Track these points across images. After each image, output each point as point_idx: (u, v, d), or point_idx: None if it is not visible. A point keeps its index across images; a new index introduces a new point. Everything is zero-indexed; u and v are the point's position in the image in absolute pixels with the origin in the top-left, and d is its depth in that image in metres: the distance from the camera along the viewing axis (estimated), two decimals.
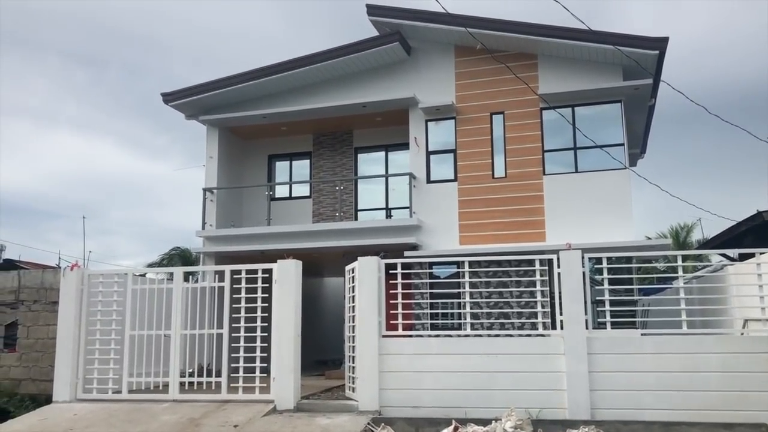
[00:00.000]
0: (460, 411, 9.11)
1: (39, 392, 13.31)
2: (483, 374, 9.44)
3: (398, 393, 9.62)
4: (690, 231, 27.55)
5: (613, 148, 14.56)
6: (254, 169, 18.80)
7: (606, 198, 14.47)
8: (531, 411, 8.85)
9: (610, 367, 9.11)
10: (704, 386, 8.82)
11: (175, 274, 11.10)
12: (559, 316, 9.44)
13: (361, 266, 10.20)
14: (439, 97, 15.87)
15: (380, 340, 9.88)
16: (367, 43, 16.25)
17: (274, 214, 17.36)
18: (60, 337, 10.89)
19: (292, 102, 17.11)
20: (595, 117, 15.05)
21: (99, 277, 11.25)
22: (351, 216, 17.44)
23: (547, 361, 9.35)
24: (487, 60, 15.19)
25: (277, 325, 10.15)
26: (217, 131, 17.63)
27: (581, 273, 9.43)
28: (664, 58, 14.16)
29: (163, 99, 17.39)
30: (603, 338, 9.32)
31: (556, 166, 15.17)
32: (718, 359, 8.89)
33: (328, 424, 8.99)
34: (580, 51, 14.95)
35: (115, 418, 9.62)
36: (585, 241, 12.98)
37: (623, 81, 14.74)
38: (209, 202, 17.18)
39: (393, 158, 17.74)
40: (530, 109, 15.39)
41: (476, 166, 15.57)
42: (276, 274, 10.33)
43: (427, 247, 15.27)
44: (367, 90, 16.64)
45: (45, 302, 14.17)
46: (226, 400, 10.15)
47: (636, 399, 8.95)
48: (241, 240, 16.47)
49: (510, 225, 15.01)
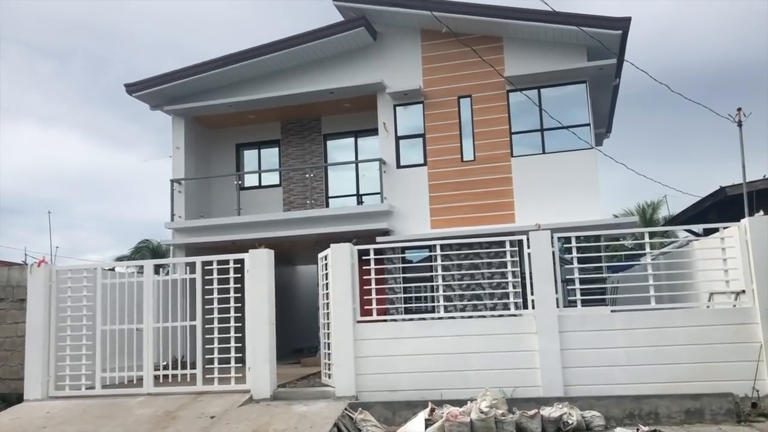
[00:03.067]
0: (436, 393, 9.23)
1: (9, 391, 13.05)
2: (457, 356, 9.55)
3: (374, 378, 9.69)
4: (656, 208, 27.99)
5: (579, 128, 14.74)
6: (222, 159, 18.61)
7: (573, 178, 14.65)
8: (506, 390, 9.00)
9: (581, 345, 9.29)
10: (672, 359, 9.05)
11: (146, 267, 10.98)
12: (531, 296, 9.58)
13: (334, 253, 10.21)
14: (407, 81, 15.85)
15: (355, 326, 9.93)
16: (333, 29, 16.12)
17: (244, 203, 17.24)
18: (29, 335, 10.71)
19: (258, 90, 16.94)
20: (561, 98, 15.20)
21: (67, 272, 11.08)
22: (322, 203, 17.40)
23: (520, 340, 9.49)
24: (453, 43, 15.21)
25: (250, 315, 10.12)
26: (183, 121, 17.39)
27: (551, 253, 9.57)
28: (627, 37, 14.32)
29: (127, 90, 17.09)
30: (574, 316, 9.49)
31: (524, 148, 15.30)
32: (685, 333, 9.11)
33: (305, 411, 9.01)
34: (545, 33, 15.05)
35: (89, 414, 9.52)
36: (554, 221, 13.14)
37: (588, 62, 14.89)
38: (177, 194, 16.98)
39: (362, 144, 17.71)
40: (497, 92, 15.47)
41: (445, 150, 15.63)
42: (248, 263, 10.28)
43: (399, 232, 15.32)
44: (334, 76, 16.54)
45: (12, 300, 13.87)
46: (202, 391, 10.10)
47: (607, 374, 9.14)
48: (211, 231, 16.33)
49: (480, 207, 15.13)
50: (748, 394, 8.72)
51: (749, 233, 9.13)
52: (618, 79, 16.03)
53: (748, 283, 9.15)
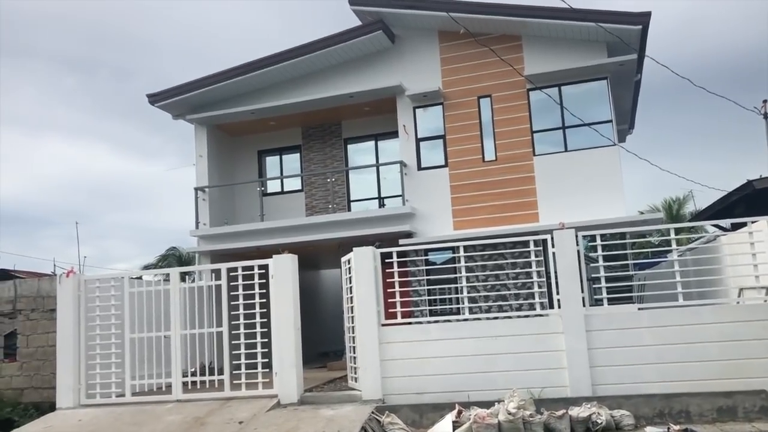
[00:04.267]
0: (463, 395, 9.19)
1: (42, 400, 13.29)
2: (483, 357, 9.51)
3: (401, 380, 9.68)
4: (682, 204, 27.59)
5: (602, 125, 14.61)
6: (245, 166, 18.76)
7: (597, 175, 14.52)
8: (533, 391, 8.93)
9: (609, 343, 9.19)
10: (703, 357, 8.92)
11: (172, 275, 11.09)
12: (556, 296, 9.50)
13: (357, 257, 10.23)
14: (426, 83, 15.84)
15: (380, 329, 9.93)
16: (351, 33, 16.18)
17: (267, 209, 17.33)
18: (60, 344, 10.88)
19: (279, 96, 17.05)
20: (582, 95, 15.08)
21: (95, 282, 11.23)
22: (344, 207, 17.44)
23: (547, 340, 9.42)
24: (471, 44, 15.18)
25: (276, 320, 10.18)
26: (205, 129, 17.56)
27: (576, 251, 9.49)
28: (648, 32, 14.17)
29: (149, 100, 17.30)
30: (600, 315, 9.39)
31: (546, 146, 15.20)
32: (716, 329, 8.98)
33: (332, 415, 9.03)
34: (564, 30, 14.94)
35: (120, 421, 9.64)
36: (578, 219, 13.02)
37: (608, 58, 14.75)
38: (201, 201, 17.14)
39: (383, 147, 17.73)
40: (517, 91, 15.39)
41: (466, 151, 15.59)
42: (272, 269, 10.35)
43: (421, 234, 15.30)
44: (353, 80, 16.59)
45: (43, 310, 14.13)
46: (230, 397, 10.18)
47: (636, 373, 9.03)
48: (235, 237, 16.46)
49: (503, 207, 15.06)
50: None
51: None
52: (639, 74, 15.86)
53: None
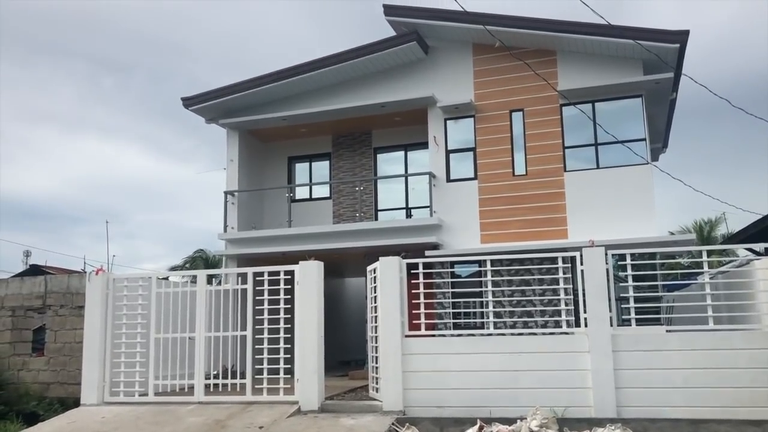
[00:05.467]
0: (485, 410, 9.08)
1: (67, 395, 13.46)
2: (507, 373, 9.40)
3: (422, 393, 9.61)
4: (714, 226, 27.13)
5: (635, 143, 14.43)
6: (274, 171, 18.89)
7: (628, 194, 14.33)
8: (556, 409, 8.79)
9: (635, 365, 9.03)
10: (733, 383, 8.71)
11: (199, 277, 11.18)
12: (583, 314, 9.37)
13: (383, 266, 10.20)
14: (458, 95, 15.81)
15: (403, 340, 9.88)
16: (385, 44, 16.25)
17: (295, 215, 17.41)
18: (87, 341, 11.02)
19: (311, 104, 17.16)
20: (616, 112, 14.92)
21: (123, 281, 11.37)
22: (371, 216, 17.45)
23: (572, 359, 9.29)
24: (505, 57, 15.12)
25: (299, 327, 10.19)
26: (237, 134, 17.74)
27: (605, 270, 9.35)
28: (685, 51, 13.99)
29: (183, 103, 17.53)
30: (628, 335, 9.24)
31: (577, 162, 15.06)
32: (747, 355, 8.77)
33: (353, 424, 9.00)
34: (600, 46, 14.82)
35: (142, 420, 9.72)
36: (608, 237, 12.86)
37: (644, 75, 14.59)
38: (230, 205, 17.30)
39: (412, 157, 17.73)
40: (550, 106, 15.29)
41: (496, 164, 15.51)
42: (298, 275, 10.37)
43: (448, 246, 15.24)
44: (385, 90, 16.64)
45: (71, 307, 14.34)
46: (251, 401, 10.20)
47: (663, 396, 8.86)
48: (262, 242, 16.56)
49: (531, 223, 14.92)
50: None
51: None
52: (675, 92, 15.64)
53: None
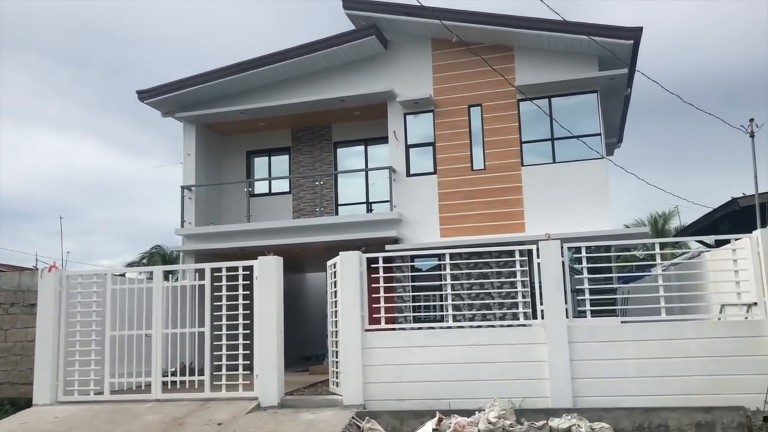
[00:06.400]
0: (444, 403, 9.18)
1: (19, 396, 13.09)
2: (466, 365, 9.50)
3: (382, 386, 9.66)
4: (668, 219, 27.84)
5: (590, 138, 14.69)
6: (233, 166, 18.68)
7: (584, 188, 14.59)
8: (514, 401, 8.93)
9: (591, 356, 9.22)
10: (684, 372, 8.96)
11: (155, 274, 11.02)
12: (540, 306, 9.52)
13: (343, 261, 10.20)
14: (417, 90, 15.88)
15: (363, 335, 9.90)
16: (344, 37, 16.19)
17: (254, 210, 17.27)
18: (39, 340, 10.76)
19: (269, 97, 17.02)
20: (572, 107, 15.17)
21: (78, 278, 11.13)
22: (332, 211, 17.41)
23: (529, 350, 9.43)
24: (464, 53, 15.21)
25: (259, 322, 10.12)
26: (194, 128, 17.48)
27: (560, 263, 9.52)
28: (639, 47, 14.29)
29: (139, 96, 17.20)
30: (583, 327, 9.42)
31: (534, 157, 15.27)
32: (697, 345, 9.02)
33: (312, 419, 8.99)
34: (556, 42, 15.03)
35: (98, 419, 9.54)
36: (564, 230, 13.08)
37: (599, 71, 14.86)
38: (188, 200, 17.06)
39: (372, 152, 17.73)
40: (507, 101, 15.46)
41: (455, 159, 15.62)
42: (257, 270, 10.29)
43: (408, 241, 15.31)
44: (345, 84, 16.60)
45: (23, 305, 13.94)
46: (210, 398, 10.11)
47: (617, 386, 9.06)
48: (220, 237, 16.38)
49: (490, 216, 15.09)
50: (760, 408, 8.60)
51: (761, 245, 9.05)
52: (629, 88, 15.98)
53: (760, 296, 9.05)
